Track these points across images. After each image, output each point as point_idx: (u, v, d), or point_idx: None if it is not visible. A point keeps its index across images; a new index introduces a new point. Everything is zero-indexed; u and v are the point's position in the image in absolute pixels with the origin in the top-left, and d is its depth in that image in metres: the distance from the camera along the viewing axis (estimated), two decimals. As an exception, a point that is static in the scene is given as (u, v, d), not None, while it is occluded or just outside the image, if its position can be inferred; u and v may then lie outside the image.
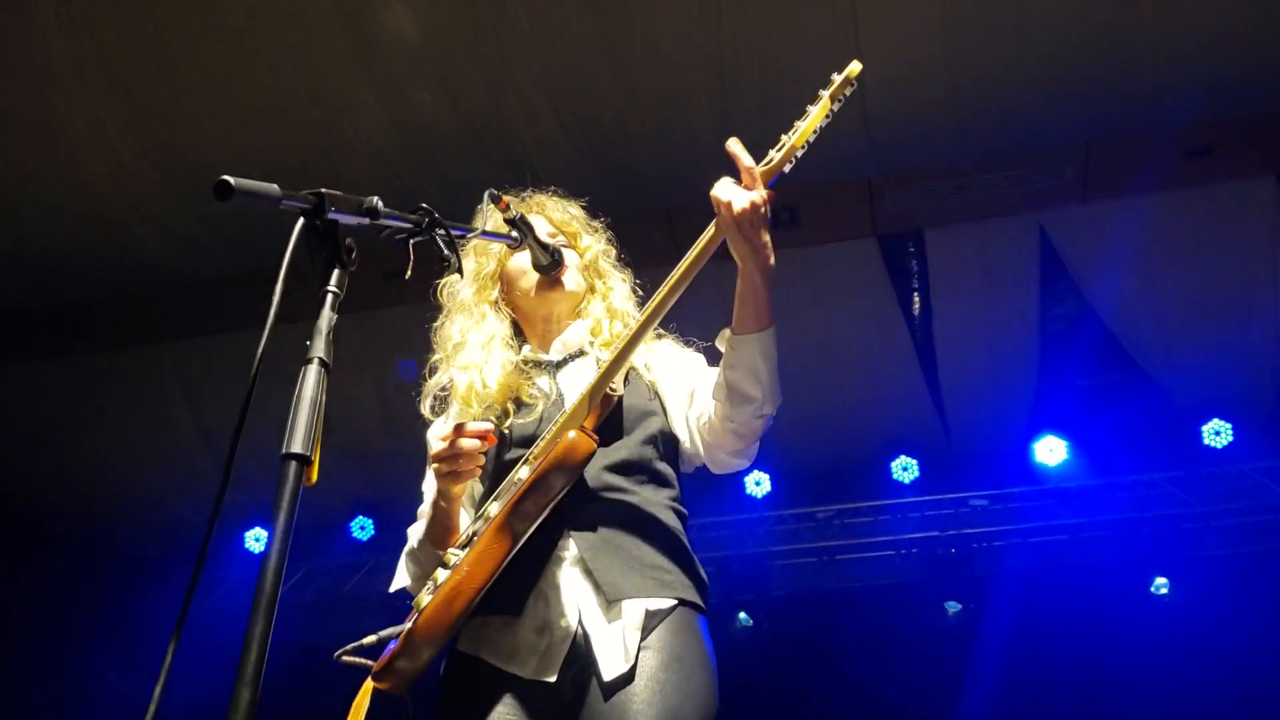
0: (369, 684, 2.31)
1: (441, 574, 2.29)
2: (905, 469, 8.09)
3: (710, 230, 2.30)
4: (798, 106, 2.45)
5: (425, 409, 2.68)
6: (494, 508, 2.35)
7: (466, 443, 2.27)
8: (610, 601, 2.30)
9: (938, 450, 8.12)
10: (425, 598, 2.26)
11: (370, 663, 2.30)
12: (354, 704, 2.29)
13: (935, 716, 7.32)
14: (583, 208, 2.90)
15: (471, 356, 2.64)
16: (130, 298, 7.72)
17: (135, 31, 6.00)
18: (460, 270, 2.04)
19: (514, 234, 2.44)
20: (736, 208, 2.22)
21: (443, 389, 2.67)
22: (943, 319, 7.61)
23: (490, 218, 2.33)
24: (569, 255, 2.75)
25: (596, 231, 2.87)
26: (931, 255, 7.43)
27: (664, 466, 2.54)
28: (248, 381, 1.62)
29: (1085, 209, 7.12)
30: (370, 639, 2.28)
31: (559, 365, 2.68)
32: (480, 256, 2.78)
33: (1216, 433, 7.57)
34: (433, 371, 2.72)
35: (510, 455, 2.50)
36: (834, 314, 7.54)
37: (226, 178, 1.53)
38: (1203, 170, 6.90)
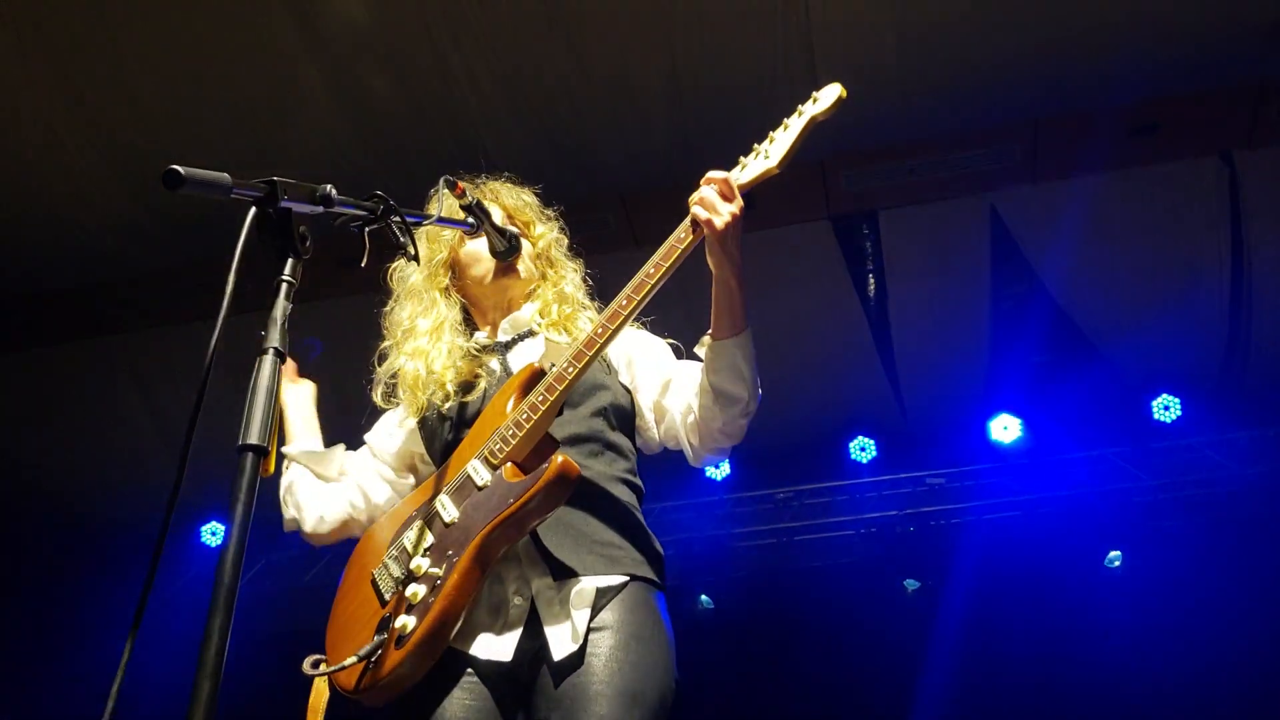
0: (323, 685, 2.29)
1: (420, 590, 2.25)
2: (863, 449, 8.16)
3: (686, 238, 2.34)
4: (749, 90, 2.47)
5: (377, 396, 2.70)
6: (449, 508, 2.32)
7: None
8: (559, 580, 2.31)
9: (895, 430, 8.19)
10: (410, 621, 2.21)
11: (334, 669, 2.26)
12: (311, 704, 2.27)
13: (897, 693, 7.40)
14: (536, 194, 2.91)
15: (419, 343, 2.65)
16: (80, 289, 7.60)
17: (79, 19, 5.89)
18: (417, 257, 2.04)
19: (470, 220, 2.43)
20: (719, 224, 2.30)
21: (393, 376, 2.67)
22: (897, 300, 7.66)
23: (446, 204, 2.32)
24: (523, 243, 2.75)
25: (550, 220, 2.89)
26: (885, 236, 7.47)
27: (617, 437, 2.55)
28: (201, 373, 1.60)
29: (1035, 188, 7.18)
30: (350, 660, 2.22)
31: (508, 346, 2.69)
32: (432, 243, 2.78)
33: (1165, 407, 7.70)
34: (382, 358, 2.73)
35: (453, 435, 2.51)
36: (790, 296, 7.57)
37: (176, 167, 1.52)
38: (1150, 148, 6.98)
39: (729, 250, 2.32)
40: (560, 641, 2.25)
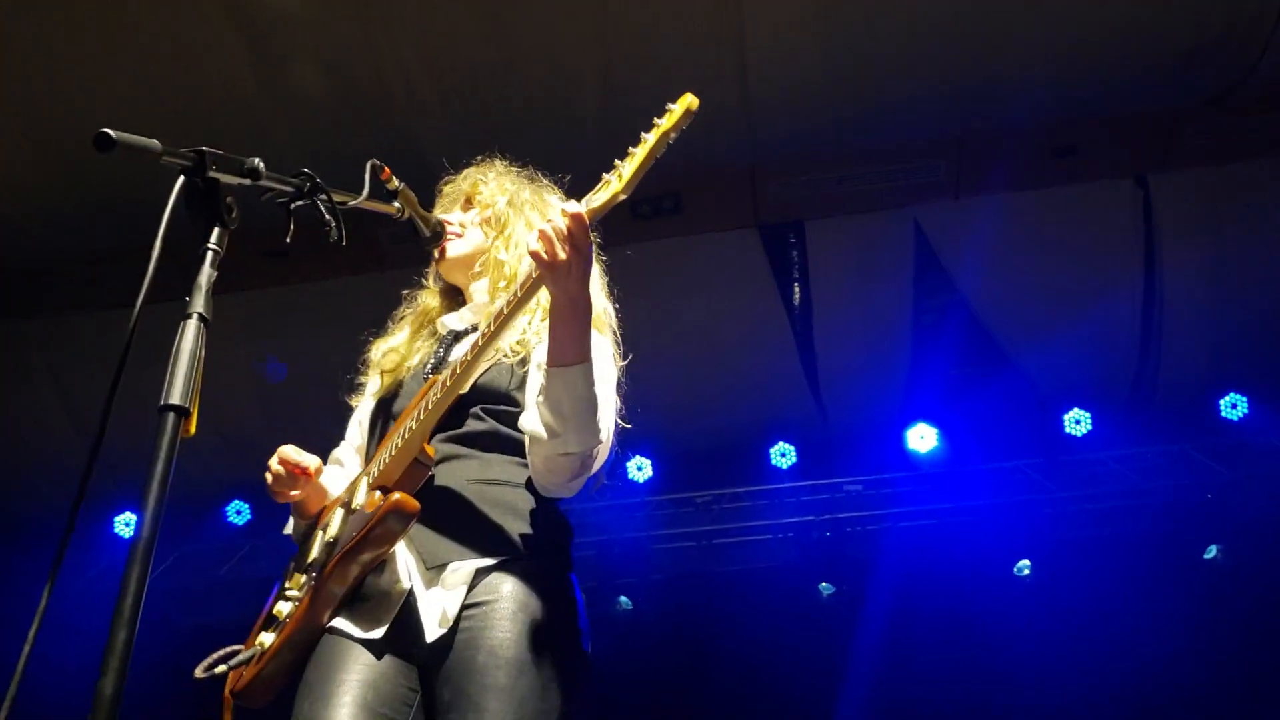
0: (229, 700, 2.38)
1: (284, 609, 2.34)
2: (783, 455, 8.25)
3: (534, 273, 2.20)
4: (681, 85, 2.47)
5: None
6: (334, 525, 2.39)
7: (278, 467, 2.41)
8: (430, 567, 2.32)
9: (815, 437, 8.29)
10: (268, 639, 2.33)
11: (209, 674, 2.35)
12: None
13: (810, 693, 7.50)
14: (499, 159, 2.91)
15: (396, 328, 2.80)
16: (-6, 273, 7.45)
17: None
18: (343, 238, 2.05)
19: (396, 204, 2.45)
20: (548, 260, 2.11)
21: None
22: (821, 309, 7.77)
23: (373, 188, 2.34)
24: (466, 215, 2.78)
25: (496, 177, 2.85)
26: (811, 246, 7.58)
27: (512, 433, 2.49)
28: (117, 359, 1.61)
29: (958, 204, 7.35)
30: (221, 668, 2.32)
31: (457, 336, 2.71)
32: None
33: (1077, 421, 7.89)
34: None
35: (372, 432, 2.64)
36: (716, 302, 7.65)
37: (107, 130, 1.53)
38: (1068, 168, 7.20)
39: (563, 284, 2.14)
40: (431, 624, 2.26)
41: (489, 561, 2.31)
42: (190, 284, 1.70)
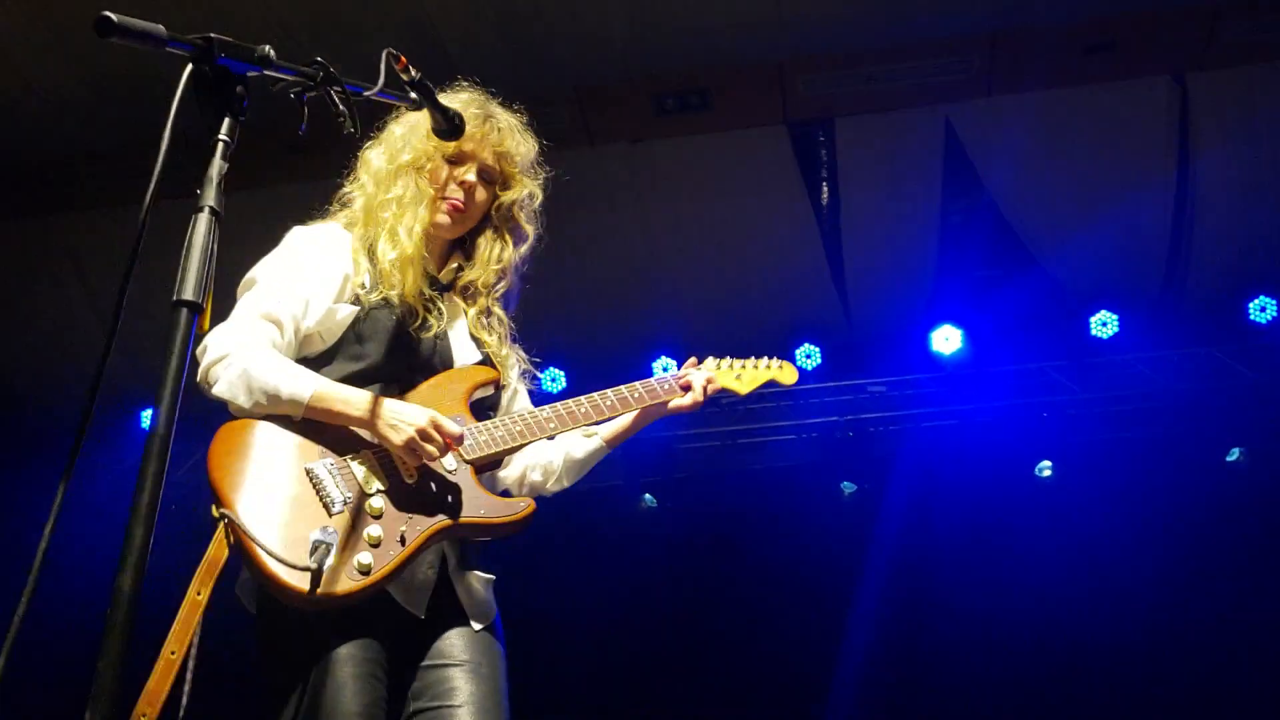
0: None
1: (380, 533, 2.35)
2: (808, 356, 8.20)
3: (672, 394, 3.07)
4: None
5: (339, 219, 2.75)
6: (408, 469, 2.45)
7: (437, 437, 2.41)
8: (464, 569, 2.61)
9: (840, 338, 8.24)
10: (370, 560, 2.30)
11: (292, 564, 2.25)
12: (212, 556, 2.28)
13: (831, 590, 7.62)
14: (538, 143, 2.88)
15: (403, 195, 2.66)
16: (18, 168, 7.42)
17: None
18: (357, 128, 2.02)
19: (413, 95, 2.38)
20: (689, 408, 3.07)
21: (345, 197, 2.76)
22: (849, 209, 7.66)
23: (388, 78, 2.27)
24: (483, 188, 2.77)
25: (532, 180, 2.85)
26: (840, 144, 7.45)
27: None
28: (132, 251, 1.59)
29: (990, 101, 7.19)
30: (312, 565, 2.18)
31: (444, 288, 2.78)
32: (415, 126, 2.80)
33: (1103, 323, 7.80)
34: (346, 202, 2.78)
35: (398, 361, 2.60)
36: (742, 201, 7.56)
37: (108, 13, 1.49)
38: (1104, 65, 7.01)
39: (671, 415, 3.11)
40: (476, 617, 2.59)
41: (490, 577, 2.68)
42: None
